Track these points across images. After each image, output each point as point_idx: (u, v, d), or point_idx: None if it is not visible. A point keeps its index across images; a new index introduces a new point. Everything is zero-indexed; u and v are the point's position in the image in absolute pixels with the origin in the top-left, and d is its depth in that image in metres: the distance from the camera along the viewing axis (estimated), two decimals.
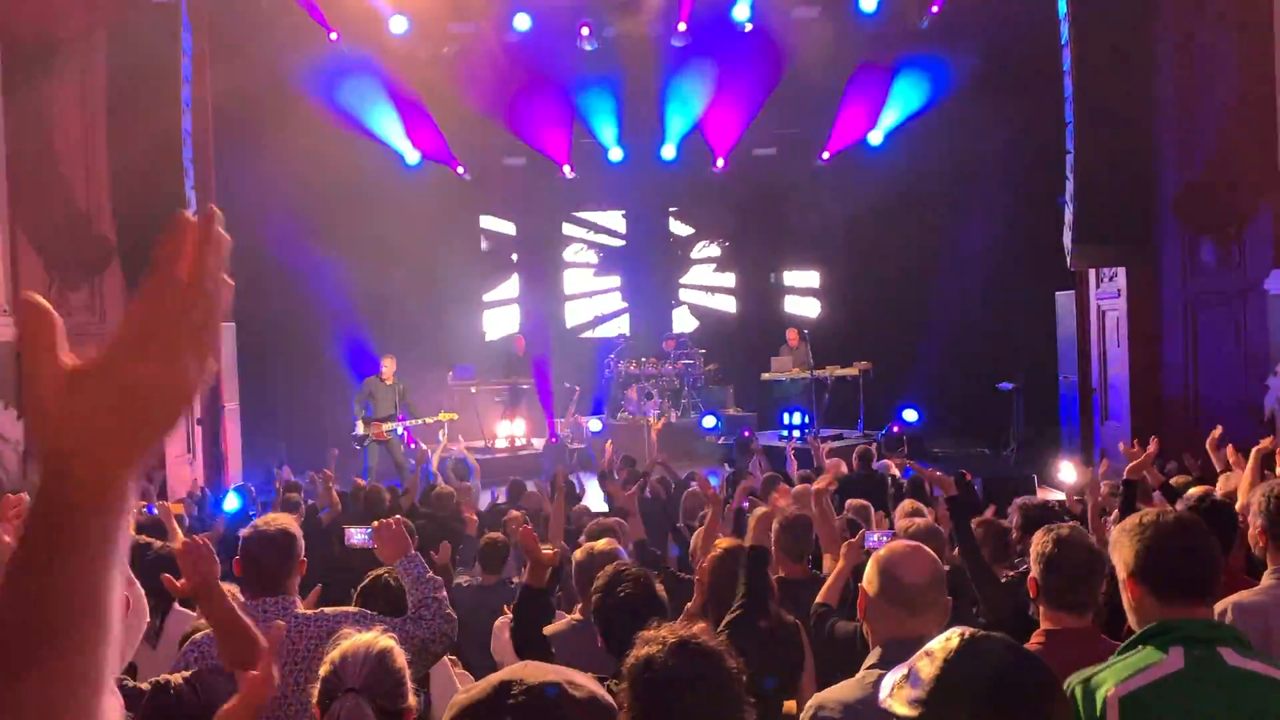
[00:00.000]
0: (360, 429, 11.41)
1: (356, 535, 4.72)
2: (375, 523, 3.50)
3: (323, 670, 2.31)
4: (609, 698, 1.28)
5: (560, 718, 1.19)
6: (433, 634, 3.12)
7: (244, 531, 3.25)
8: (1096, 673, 2.16)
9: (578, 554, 4.01)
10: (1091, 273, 10.79)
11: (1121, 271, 10.24)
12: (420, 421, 11.72)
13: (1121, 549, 2.29)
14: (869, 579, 2.46)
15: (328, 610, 3.16)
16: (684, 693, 1.86)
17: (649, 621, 2.56)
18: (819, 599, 3.61)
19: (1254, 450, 4.69)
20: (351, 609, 3.19)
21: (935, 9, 12.80)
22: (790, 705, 3.27)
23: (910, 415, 13.42)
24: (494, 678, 1.26)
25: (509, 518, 6.01)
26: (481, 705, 1.22)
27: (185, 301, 0.79)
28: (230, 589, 2.83)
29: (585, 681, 1.27)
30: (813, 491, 4.96)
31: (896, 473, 9.35)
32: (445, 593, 3.26)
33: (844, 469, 8.66)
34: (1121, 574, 2.29)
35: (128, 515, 0.78)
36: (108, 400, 0.76)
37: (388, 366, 11.65)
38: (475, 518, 6.66)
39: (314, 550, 3.99)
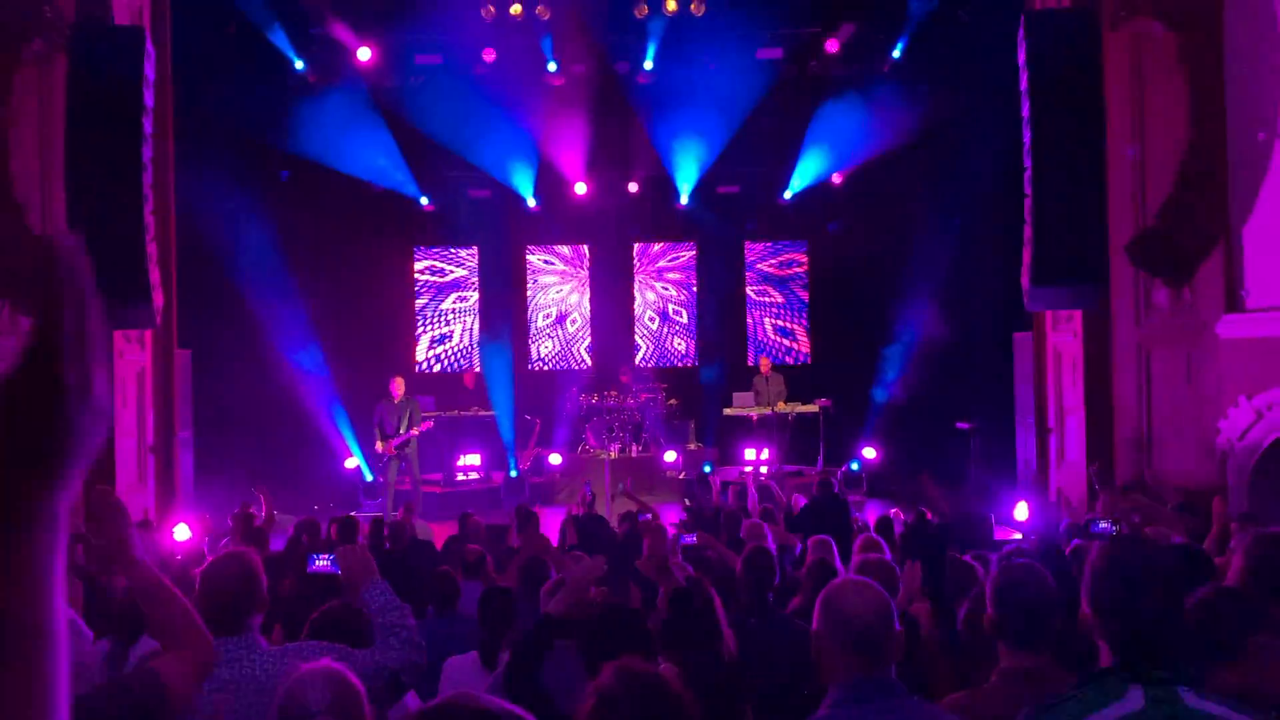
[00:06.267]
0: (380, 448, 12.17)
1: (319, 560, 4.65)
2: (338, 549, 3.43)
3: (280, 702, 2.23)
4: None
5: None
6: (402, 664, 3.01)
7: (199, 569, 3.15)
8: (1053, 706, 2.12)
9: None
10: (1049, 315, 10.94)
11: (1078, 313, 10.39)
12: (406, 433, 12.16)
13: (1087, 589, 2.18)
14: (819, 620, 2.40)
15: (293, 645, 3.06)
16: None
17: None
18: None
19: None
20: (319, 643, 3.08)
21: (897, 54, 13.04)
22: None
23: (869, 453, 13.49)
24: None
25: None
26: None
27: (60, 323, 0.81)
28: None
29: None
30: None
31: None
32: (413, 620, 3.18)
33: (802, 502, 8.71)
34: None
35: (57, 536, 0.77)
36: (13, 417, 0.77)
37: (397, 387, 12.27)
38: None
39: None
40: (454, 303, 16.66)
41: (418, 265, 16.45)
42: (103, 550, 2.44)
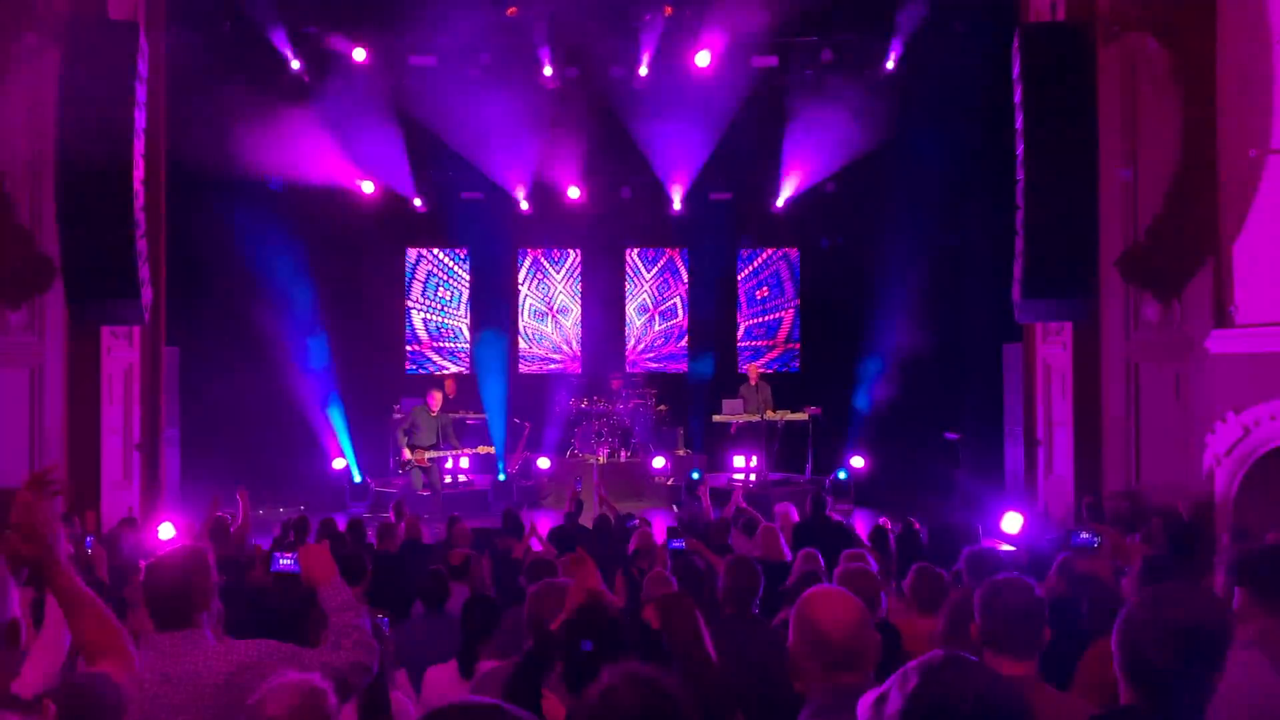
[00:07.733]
0: (407, 455, 12.14)
1: (283, 560, 4.64)
2: (299, 549, 3.41)
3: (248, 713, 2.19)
4: None
5: None
6: (350, 665, 2.95)
7: (145, 562, 3.11)
8: None
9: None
10: (1039, 327, 10.95)
11: (1068, 326, 10.42)
12: (459, 452, 12.57)
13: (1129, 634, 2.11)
14: (793, 631, 2.35)
15: (240, 641, 3.03)
16: None
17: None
18: None
19: None
20: (268, 641, 3.05)
21: (890, 64, 13.06)
22: None
23: (857, 462, 13.50)
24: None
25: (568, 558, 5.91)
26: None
27: None
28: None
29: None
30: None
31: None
32: (367, 621, 3.15)
33: (795, 516, 8.66)
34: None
35: None
36: None
37: (435, 399, 12.36)
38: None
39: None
40: (445, 304, 16.61)
41: (409, 266, 16.41)
42: (30, 559, 2.40)
